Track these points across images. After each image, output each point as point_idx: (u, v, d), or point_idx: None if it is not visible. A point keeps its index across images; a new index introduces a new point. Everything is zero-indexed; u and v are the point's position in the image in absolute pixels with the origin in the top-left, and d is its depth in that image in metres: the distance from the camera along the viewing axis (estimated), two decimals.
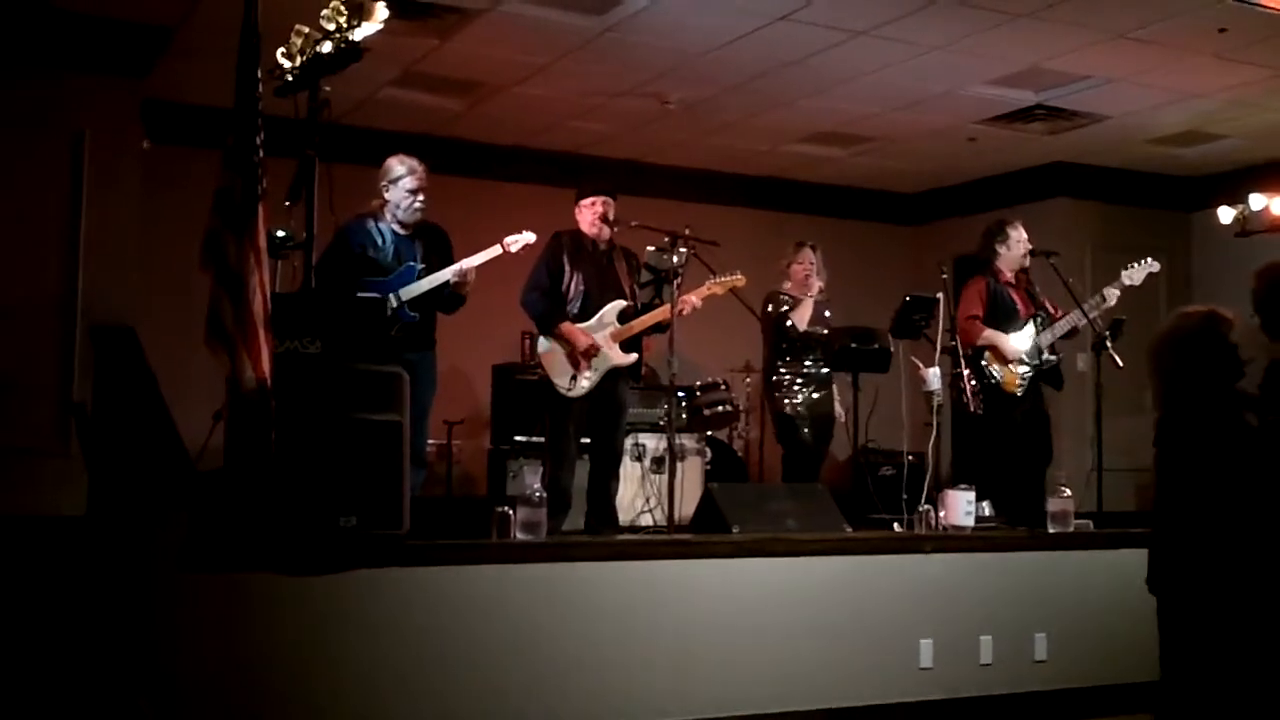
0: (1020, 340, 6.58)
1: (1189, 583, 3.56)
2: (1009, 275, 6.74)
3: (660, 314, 6.05)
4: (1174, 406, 3.66)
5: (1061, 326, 6.61)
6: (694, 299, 6.12)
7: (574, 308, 6.08)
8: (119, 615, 3.88)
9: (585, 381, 6.00)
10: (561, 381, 6.01)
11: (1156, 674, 5.74)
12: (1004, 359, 6.55)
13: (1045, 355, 6.64)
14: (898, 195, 10.70)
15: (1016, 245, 6.69)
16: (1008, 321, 6.64)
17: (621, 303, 6.14)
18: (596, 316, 6.08)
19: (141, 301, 6.64)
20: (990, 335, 6.56)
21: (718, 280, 6.23)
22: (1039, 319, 6.68)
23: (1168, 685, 3.64)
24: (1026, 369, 6.56)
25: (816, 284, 6.76)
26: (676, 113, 8.30)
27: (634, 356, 6.11)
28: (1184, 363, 3.64)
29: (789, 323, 6.67)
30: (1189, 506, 3.57)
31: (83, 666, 3.83)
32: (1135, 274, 6.55)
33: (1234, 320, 3.71)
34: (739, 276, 6.28)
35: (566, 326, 6.02)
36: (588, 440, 6.24)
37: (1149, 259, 6.60)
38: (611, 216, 6.11)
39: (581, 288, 6.09)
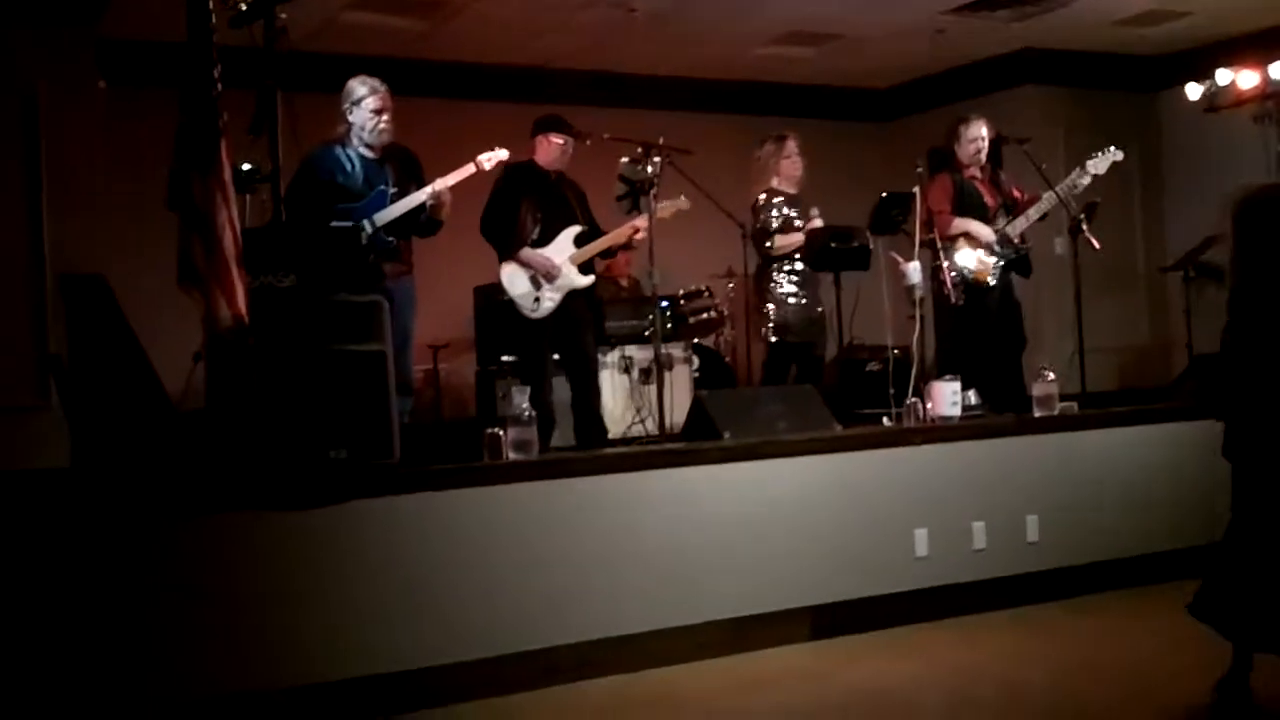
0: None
1: (1259, 450, 3.61)
2: (973, 169, 6.74)
3: (614, 238, 6.31)
4: (1248, 277, 3.65)
5: (1032, 213, 6.61)
6: (641, 227, 6.15)
7: (533, 235, 6.24)
8: (110, 565, 3.87)
9: (549, 302, 6.21)
10: (525, 304, 6.21)
11: (1147, 547, 5.82)
12: (978, 244, 6.56)
13: (1016, 244, 6.65)
14: (869, 92, 10.59)
15: (968, 144, 6.73)
16: (975, 214, 6.66)
17: (577, 228, 6.33)
18: (554, 242, 6.25)
19: (111, 247, 6.55)
20: (962, 222, 6.60)
21: (662, 205, 6.25)
22: (1007, 209, 6.69)
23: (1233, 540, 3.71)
24: (998, 259, 6.58)
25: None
26: (643, 21, 8.17)
27: (591, 278, 6.35)
28: (1266, 234, 3.62)
29: (769, 244, 6.68)
30: (1260, 376, 3.59)
31: (74, 623, 3.81)
32: (1099, 163, 6.53)
33: None
34: (682, 200, 6.38)
35: (527, 252, 6.20)
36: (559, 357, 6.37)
37: (1113, 148, 6.58)
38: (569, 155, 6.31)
39: (538, 215, 6.26)
